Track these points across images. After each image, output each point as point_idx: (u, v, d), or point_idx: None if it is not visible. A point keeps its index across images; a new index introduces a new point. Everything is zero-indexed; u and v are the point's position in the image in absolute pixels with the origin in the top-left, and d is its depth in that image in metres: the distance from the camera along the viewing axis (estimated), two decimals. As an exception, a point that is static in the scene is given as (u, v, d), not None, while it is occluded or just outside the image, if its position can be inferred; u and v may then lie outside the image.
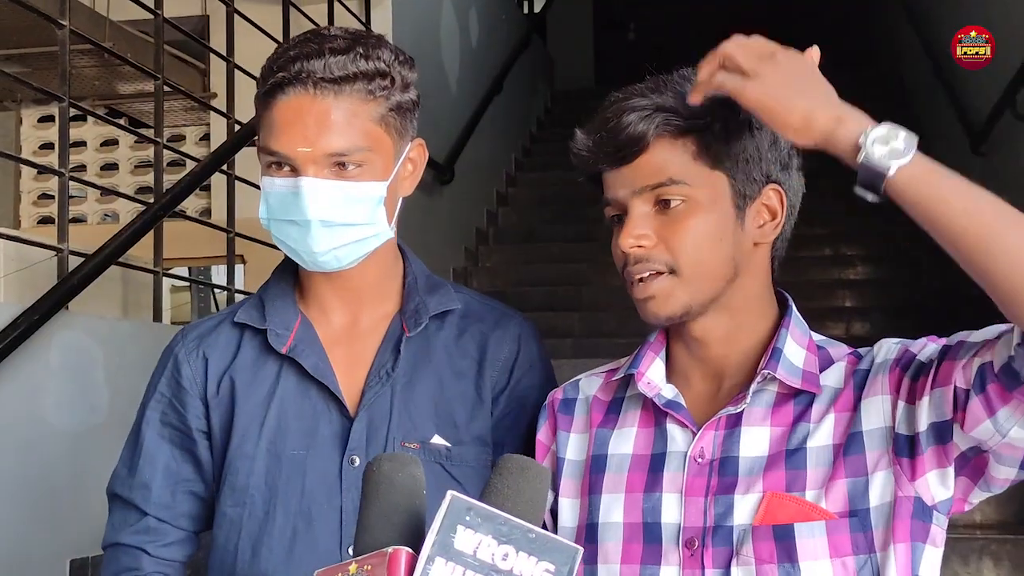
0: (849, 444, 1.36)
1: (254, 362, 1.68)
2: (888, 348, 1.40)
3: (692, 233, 1.40)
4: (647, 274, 1.41)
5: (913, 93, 8.14)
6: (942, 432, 1.30)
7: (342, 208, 1.56)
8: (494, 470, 1.00)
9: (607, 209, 1.47)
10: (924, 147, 1.21)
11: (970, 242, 1.17)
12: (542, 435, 1.59)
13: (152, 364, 1.78)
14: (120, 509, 1.73)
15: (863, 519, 1.33)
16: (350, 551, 1.56)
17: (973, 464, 1.31)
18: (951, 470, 1.32)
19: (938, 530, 1.35)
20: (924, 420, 1.31)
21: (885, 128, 1.21)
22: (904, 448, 1.33)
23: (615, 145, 1.41)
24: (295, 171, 1.55)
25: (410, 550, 0.94)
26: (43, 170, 5.47)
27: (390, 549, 0.94)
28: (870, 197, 1.23)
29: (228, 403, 1.68)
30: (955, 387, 1.27)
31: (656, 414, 1.48)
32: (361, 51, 1.55)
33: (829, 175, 1.62)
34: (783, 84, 1.25)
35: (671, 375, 1.51)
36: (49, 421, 3.14)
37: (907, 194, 1.19)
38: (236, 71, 4.30)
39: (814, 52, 1.32)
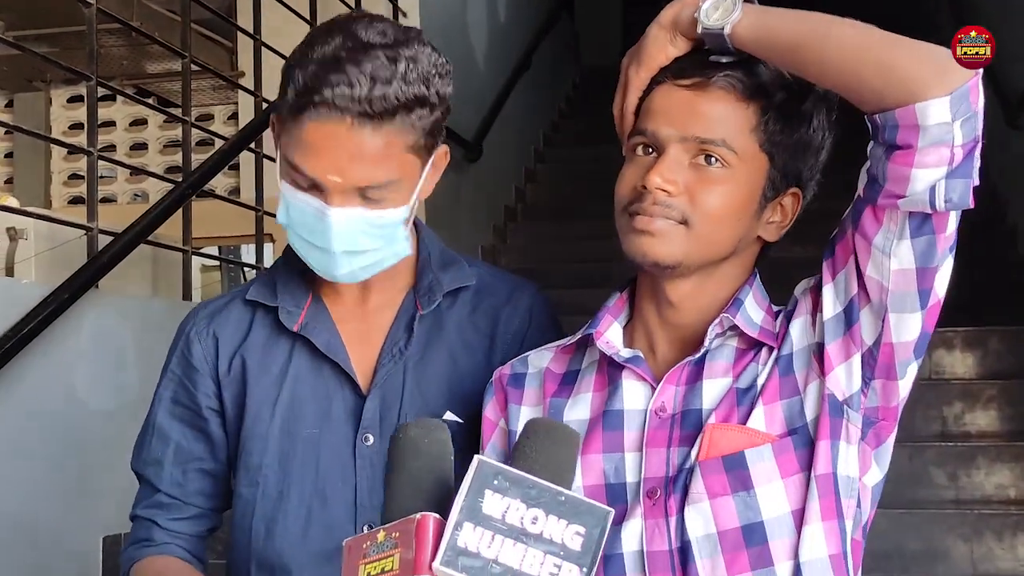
0: (782, 369, 1.37)
1: (266, 341, 1.67)
2: (806, 280, 1.44)
3: (720, 198, 1.38)
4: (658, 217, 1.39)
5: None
6: (849, 314, 1.34)
7: (366, 238, 1.53)
8: (521, 434, 0.98)
9: (633, 139, 1.43)
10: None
11: (813, 54, 1.30)
12: (489, 412, 1.55)
13: (182, 343, 1.78)
14: (141, 484, 1.75)
15: (803, 435, 1.34)
16: (365, 529, 1.56)
17: (881, 361, 1.34)
18: (856, 360, 1.34)
19: (852, 427, 1.35)
20: (831, 307, 1.36)
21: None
22: (818, 349, 1.36)
23: (697, 64, 1.40)
24: (320, 192, 1.50)
25: (438, 516, 0.93)
26: (73, 150, 5.51)
27: (418, 515, 0.93)
28: (724, 59, 1.37)
29: (240, 382, 1.67)
30: (847, 253, 1.35)
31: (611, 374, 1.46)
32: (402, 72, 1.45)
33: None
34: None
35: (632, 342, 1.49)
36: (81, 399, 3.16)
37: (749, 43, 1.34)
38: (263, 49, 4.30)
39: None
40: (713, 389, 1.40)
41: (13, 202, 4.49)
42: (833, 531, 1.33)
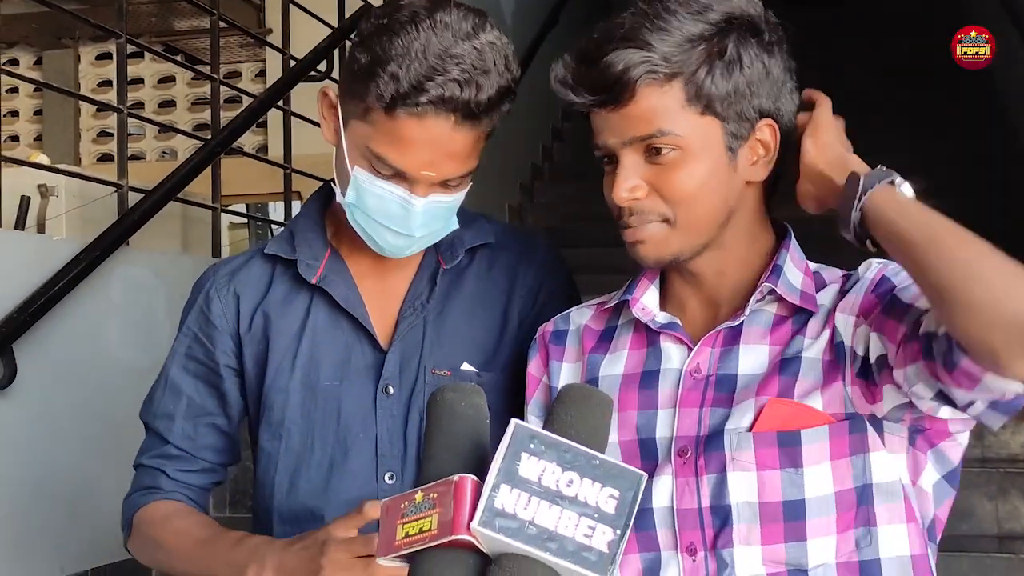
0: (837, 350, 1.36)
1: (286, 296, 1.69)
2: (871, 268, 1.40)
3: (685, 183, 1.37)
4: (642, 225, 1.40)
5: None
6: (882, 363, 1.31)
7: (441, 221, 1.57)
8: (556, 399, 0.99)
9: (596, 150, 1.44)
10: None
11: (944, 269, 1.17)
12: (533, 368, 1.58)
13: (211, 300, 1.79)
14: (148, 435, 1.77)
15: (856, 421, 1.34)
16: (387, 478, 1.61)
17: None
18: (898, 391, 1.31)
19: (891, 437, 1.35)
20: (874, 351, 1.32)
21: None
22: (861, 369, 1.33)
23: (601, 88, 1.37)
24: (404, 180, 1.51)
25: (475, 478, 0.94)
26: (102, 107, 5.52)
27: (456, 477, 0.94)
28: (847, 235, 1.30)
29: (262, 338, 1.68)
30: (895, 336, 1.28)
31: (649, 335, 1.47)
32: (494, 64, 1.48)
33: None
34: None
35: (666, 304, 1.50)
36: (111, 355, 3.18)
37: (880, 221, 1.25)
38: (291, 6, 4.29)
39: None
40: (750, 354, 1.40)
41: (44, 159, 4.52)
42: (865, 536, 1.34)
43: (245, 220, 6.15)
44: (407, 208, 1.52)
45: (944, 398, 1.23)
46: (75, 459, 3.10)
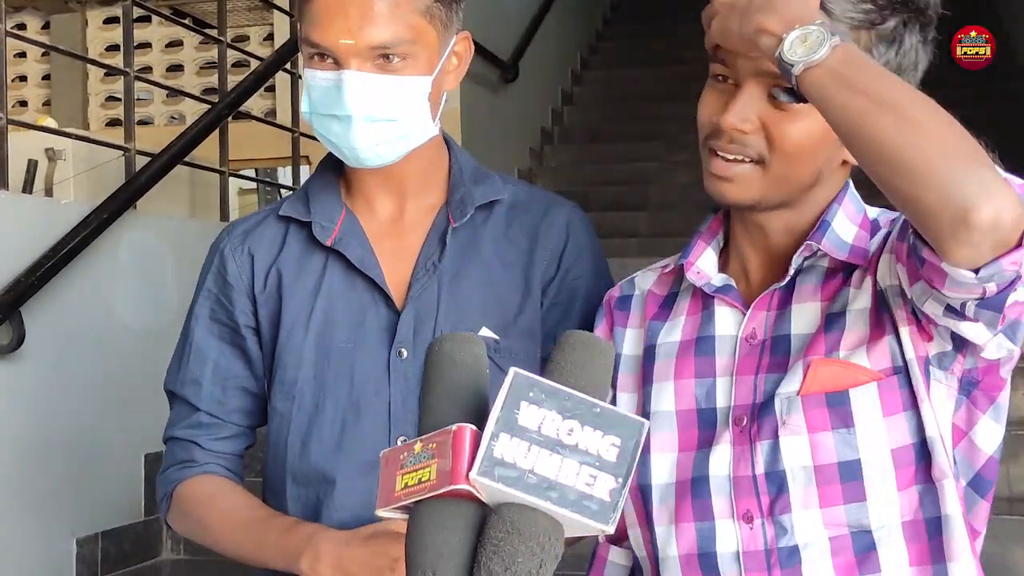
0: (880, 299, 1.33)
1: (300, 255, 1.67)
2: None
3: (798, 136, 1.33)
4: (732, 157, 1.36)
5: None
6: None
7: (385, 102, 1.54)
8: (556, 347, 0.97)
9: (715, 67, 1.37)
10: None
11: (874, 154, 1.13)
12: (600, 333, 1.54)
13: (220, 266, 1.77)
14: (176, 405, 1.74)
15: (906, 374, 1.31)
16: (399, 441, 1.56)
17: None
18: (943, 331, 1.27)
19: (940, 386, 1.31)
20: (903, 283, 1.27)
21: (804, 28, 1.16)
22: (912, 306, 1.29)
23: None
24: (338, 64, 1.52)
25: (474, 427, 0.92)
26: (110, 71, 5.50)
27: (454, 426, 0.92)
28: (783, 97, 1.26)
29: (276, 297, 1.66)
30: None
31: (704, 299, 1.45)
32: None
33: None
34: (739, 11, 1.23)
35: (727, 264, 1.48)
36: (120, 319, 3.19)
37: (815, 96, 1.16)
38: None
39: None
40: (802, 313, 1.37)
41: (51, 123, 4.51)
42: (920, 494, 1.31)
43: (254, 185, 6.14)
44: (339, 87, 1.51)
45: (954, 312, 1.19)
46: (85, 422, 3.11)
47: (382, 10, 1.50)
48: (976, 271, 1.09)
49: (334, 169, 1.70)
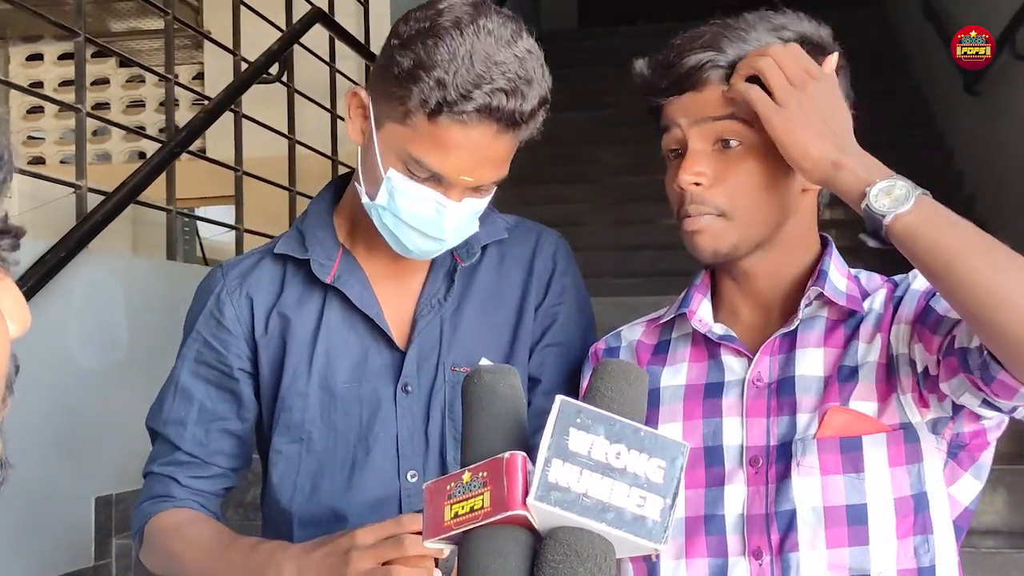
0: (890, 364, 1.41)
1: (299, 296, 1.68)
2: (919, 277, 1.45)
3: (747, 178, 1.42)
4: (697, 214, 1.44)
5: (902, 32, 8.14)
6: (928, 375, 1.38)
7: (470, 225, 1.58)
8: (594, 375, 1.01)
9: (665, 140, 1.48)
10: (914, 89, 1.29)
11: (968, 291, 1.21)
12: (587, 384, 1.60)
13: (168, 302, 1.76)
14: (157, 442, 1.74)
15: (911, 432, 1.39)
16: (409, 476, 1.61)
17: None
18: (945, 402, 1.38)
19: (930, 448, 1.41)
20: (920, 362, 1.38)
21: (887, 181, 1.27)
22: (917, 378, 1.39)
23: (677, 78, 1.43)
24: (439, 184, 1.51)
25: (525, 454, 0.96)
26: (32, 110, 5.43)
27: (506, 454, 0.95)
28: (871, 243, 1.30)
29: (279, 340, 1.67)
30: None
31: (709, 348, 1.52)
32: (535, 71, 1.49)
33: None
34: (804, 124, 1.33)
35: (718, 314, 1.55)
36: (73, 358, 3.15)
37: (905, 242, 1.26)
38: (241, 7, 4.28)
39: (833, 60, 1.43)
40: (807, 357, 1.45)
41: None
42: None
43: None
44: (440, 212, 1.52)
45: (991, 405, 1.30)
46: (37, 461, 3.06)
47: (506, 153, 1.52)
48: None
49: (328, 208, 1.73)
